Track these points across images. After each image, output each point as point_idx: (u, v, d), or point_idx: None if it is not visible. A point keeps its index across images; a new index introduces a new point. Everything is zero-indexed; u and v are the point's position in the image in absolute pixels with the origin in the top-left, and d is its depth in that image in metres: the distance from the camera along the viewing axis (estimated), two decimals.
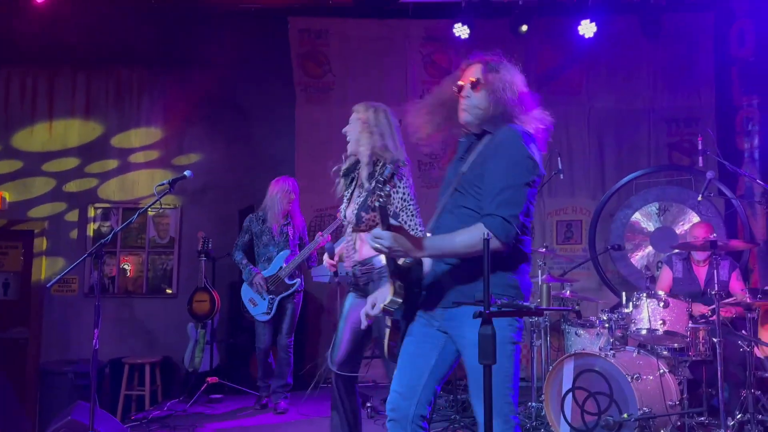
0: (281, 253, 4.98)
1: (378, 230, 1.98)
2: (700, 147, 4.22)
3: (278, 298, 4.91)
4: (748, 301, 3.91)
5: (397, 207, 2.92)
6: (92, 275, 6.47)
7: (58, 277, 3.27)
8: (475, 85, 2.23)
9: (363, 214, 2.93)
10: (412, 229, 2.89)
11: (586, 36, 6.31)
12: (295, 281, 4.92)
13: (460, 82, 2.27)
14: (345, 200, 3.09)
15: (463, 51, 6.89)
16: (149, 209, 6.53)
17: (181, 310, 6.09)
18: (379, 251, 2.02)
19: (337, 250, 3.22)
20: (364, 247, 2.96)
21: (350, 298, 3.10)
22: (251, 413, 4.96)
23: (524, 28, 6.42)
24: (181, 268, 6.72)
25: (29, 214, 6.72)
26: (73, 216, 6.75)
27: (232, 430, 4.44)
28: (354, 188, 3.07)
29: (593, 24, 6.26)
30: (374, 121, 3.01)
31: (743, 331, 3.98)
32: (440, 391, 2.11)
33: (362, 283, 3.01)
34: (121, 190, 6.79)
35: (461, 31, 6.45)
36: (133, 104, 6.88)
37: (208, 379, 5.42)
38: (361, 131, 3.00)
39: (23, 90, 6.86)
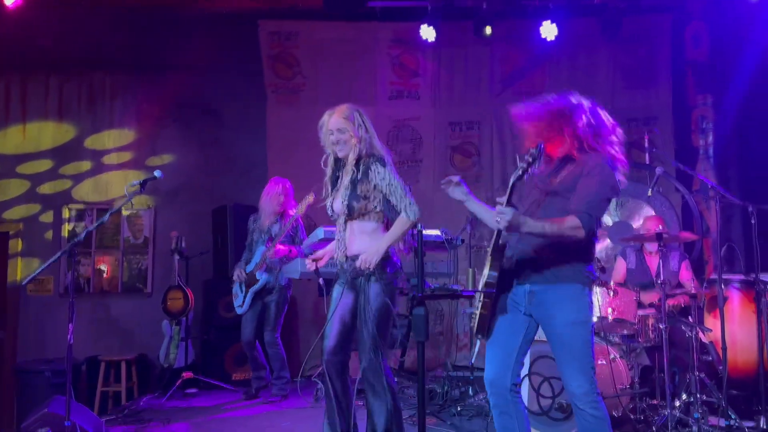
0: (260, 248, 5.14)
1: (502, 207, 2.38)
2: (646, 145, 4.45)
3: (251, 292, 5.06)
4: (693, 291, 4.15)
5: (386, 191, 3.07)
6: (67, 275, 6.56)
7: (33, 274, 3.40)
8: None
9: (354, 203, 3.06)
10: (406, 212, 3.06)
11: (548, 38, 6.54)
12: (262, 276, 5.05)
13: None
14: (330, 196, 3.21)
15: (430, 53, 7.13)
16: (122, 209, 6.71)
17: (156, 309, 6.22)
18: (499, 226, 2.39)
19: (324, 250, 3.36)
20: (355, 242, 3.10)
21: (337, 289, 3.19)
22: (226, 406, 5.11)
23: (488, 30, 6.63)
24: (155, 268, 6.85)
25: (4, 216, 6.80)
26: (47, 217, 6.84)
27: (209, 422, 4.57)
28: (339, 184, 3.19)
29: (555, 26, 6.49)
30: (363, 125, 3.14)
31: (690, 318, 4.22)
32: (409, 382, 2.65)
33: (351, 276, 3.10)
34: (95, 191, 6.90)
35: (428, 33, 6.64)
36: (106, 107, 6.99)
37: (183, 374, 5.54)
38: (351, 140, 3.11)
39: None
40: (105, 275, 6.82)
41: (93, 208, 6.84)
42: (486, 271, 2.56)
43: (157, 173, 3.64)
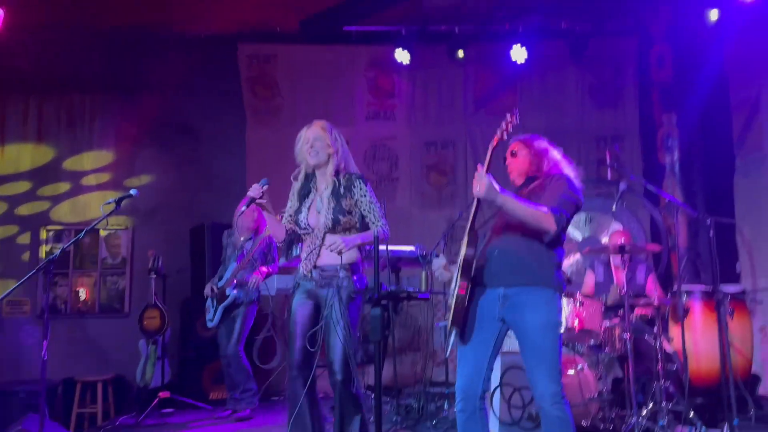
0: (232, 264, 5.21)
1: (482, 172, 2.57)
2: (608, 161, 4.62)
3: (221, 308, 5.13)
4: (656, 303, 4.28)
5: (365, 210, 3.17)
6: (44, 297, 6.55)
7: (7, 293, 3.44)
8: (514, 154, 3.05)
9: (340, 216, 3.12)
10: (381, 227, 3.17)
11: (518, 61, 6.76)
12: (232, 292, 5.12)
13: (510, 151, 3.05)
14: (304, 209, 3.22)
15: (405, 74, 7.32)
16: (100, 229, 6.75)
17: (133, 329, 6.22)
18: (475, 192, 2.59)
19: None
20: (328, 255, 3.12)
21: (297, 300, 3.21)
22: (201, 423, 5.13)
23: (461, 53, 6.85)
24: (133, 287, 6.88)
25: None
26: (24, 239, 6.85)
27: None
28: (312, 199, 3.24)
29: (524, 49, 6.71)
30: (339, 139, 3.25)
31: (654, 329, 4.35)
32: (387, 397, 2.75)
33: (318, 285, 3.13)
34: (73, 213, 6.93)
35: (402, 56, 6.83)
36: (85, 128, 7.06)
37: (160, 393, 5.54)
38: (328, 149, 3.20)
39: None
40: (84, 297, 6.83)
41: (71, 229, 6.86)
42: (463, 250, 2.67)
43: (133, 191, 3.69)
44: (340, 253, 3.00)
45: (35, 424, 3.53)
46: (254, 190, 3.18)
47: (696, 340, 4.59)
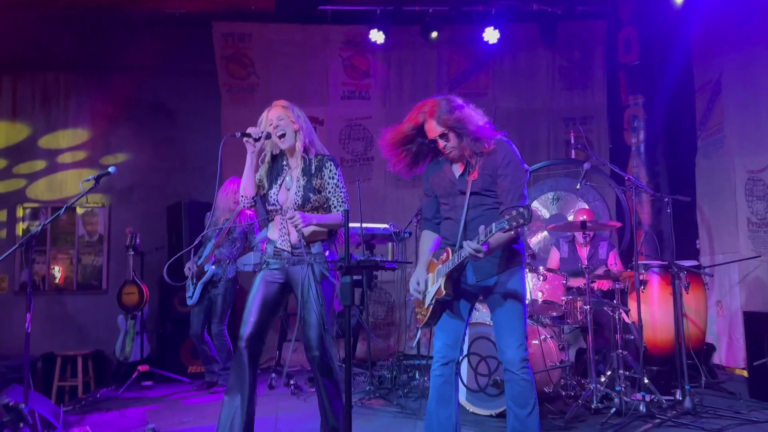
0: (210, 242, 5.31)
1: (477, 246, 2.54)
2: (572, 142, 4.81)
3: (200, 285, 5.24)
4: (615, 272, 4.52)
5: (330, 192, 3.19)
6: (23, 273, 6.62)
7: None
8: (444, 136, 2.80)
9: (311, 195, 3.14)
10: (344, 210, 3.15)
11: (491, 42, 6.90)
12: (210, 268, 5.24)
13: (430, 138, 2.83)
14: (275, 187, 3.21)
15: (380, 55, 7.42)
16: (77, 207, 6.80)
17: (111, 305, 6.34)
18: (478, 257, 2.57)
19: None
20: (297, 233, 3.12)
21: (263, 275, 3.20)
22: (180, 395, 5.28)
23: (434, 34, 6.97)
24: (110, 265, 6.96)
25: None
26: (1, 216, 6.88)
27: (160, 410, 4.74)
28: (282, 178, 3.23)
29: (497, 31, 6.86)
30: (303, 119, 3.25)
31: (614, 301, 4.59)
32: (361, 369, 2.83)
33: (290, 263, 3.15)
34: (50, 190, 6.97)
35: (377, 36, 6.93)
36: (60, 106, 7.07)
37: (140, 367, 5.67)
38: (293, 125, 3.19)
39: None
40: (59, 280, 6.89)
41: (47, 206, 6.91)
42: (441, 287, 2.76)
43: (111, 169, 3.76)
44: (297, 228, 3.04)
45: (19, 395, 3.64)
46: (254, 130, 3.17)
47: (653, 311, 4.85)
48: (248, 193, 3.25)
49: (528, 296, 4.30)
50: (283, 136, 3.19)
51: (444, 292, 2.76)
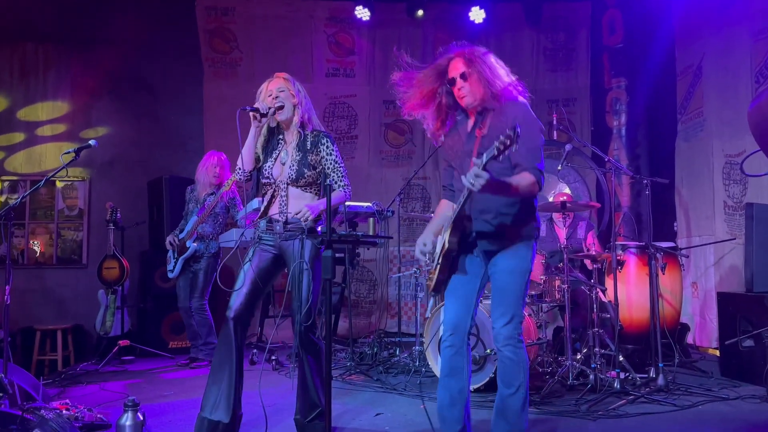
0: (193, 217, 5.32)
1: (479, 170, 2.31)
2: (554, 123, 4.85)
3: (181, 259, 5.25)
4: (593, 253, 4.59)
5: (329, 168, 3.19)
6: (5, 245, 6.55)
7: None
8: (464, 76, 2.70)
9: (305, 170, 3.13)
10: (342, 188, 3.21)
11: (477, 21, 6.91)
12: (192, 245, 5.24)
13: (450, 76, 2.74)
14: (270, 160, 3.20)
15: (365, 32, 7.38)
16: (57, 181, 6.73)
17: (91, 280, 6.32)
18: (475, 186, 2.34)
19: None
20: (292, 206, 3.12)
21: (256, 249, 3.20)
22: (161, 370, 5.30)
23: (420, 13, 6.95)
24: (90, 239, 6.92)
25: None
26: None
27: (141, 384, 4.76)
28: (278, 152, 3.22)
29: (483, 11, 6.86)
30: (303, 94, 3.23)
31: (591, 280, 4.67)
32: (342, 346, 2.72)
33: (282, 238, 3.14)
34: (29, 163, 6.88)
35: (362, 13, 6.90)
36: (39, 78, 6.95)
37: (120, 342, 5.66)
38: (292, 99, 3.17)
39: None
40: (38, 251, 6.84)
41: (26, 179, 6.82)
42: (447, 236, 2.69)
43: (92, 142, 3.72)
44: (306, 221, 3.04)
45: None
46: (263, 105, 3.14)
47: (629, 291, 4.93)
48: (247, 167, 3.24)
49: None
50: (281, 108, 3.18)
51: (447, 246, 2.66)
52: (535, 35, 7.37)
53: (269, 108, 3.15)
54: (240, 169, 3.24)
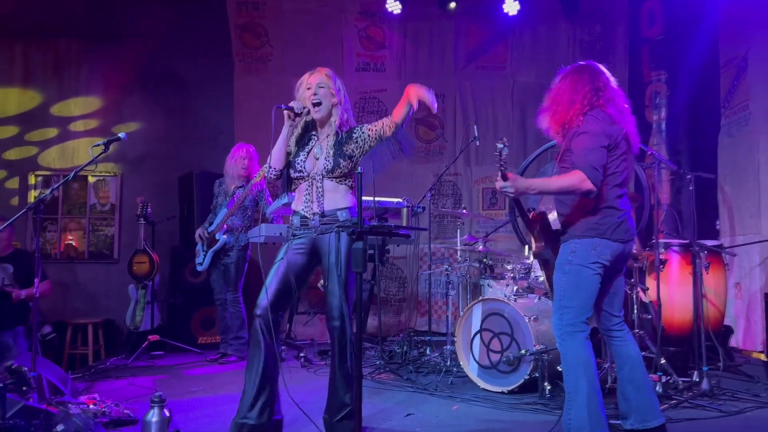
0: (222, 210, 5.29)
1: (501, 182, 2.69)
2: None
3: (210, 252, 5.22)
4: (634, 251, 4.39)
5: (371, 132, 3.09)
6: (35, 239, 6.60)
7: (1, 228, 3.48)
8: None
9: (341, 160, 3.05)
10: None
11: (511, 14, 6.73)
12: (221, 237, 5.20)
13: None
14: (302, 154, 3.13)
15: (396, 25, 7.27)
16: (89, 176, 6.77)
17: (122, 275, 6.34)
18: (508, 194, 2.73)
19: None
20: (327, 200, 3.06)
21: (290, 244, 3.12)
22: (190, 365, 5.27)
23: (453, 5, 6.81)
24: (122, 234, 6.95)
25: None
26: (13, 183, 6.87)
27: (168, 379, 4.73)
28: (311, 147, 3.15)
29: (517, 2, 6.69)
30: (344, 93, 3.16)
31: (632, 280, 4.48)
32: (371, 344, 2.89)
33: (318, 232, 3.06)
34: (62, 158, 6.94)
35: (393, 6, 6.79)
36: (72, 74, 7.00)
37: (150, 337, 5.67)
38: (332, 98, 3.10)
39: None
40: (73, 244, 6.89)
41: (59, 174, 6.88)
42: (533, 245, 3.00)
43: (121, 135, 3.69)
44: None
45: (27, 360, 3.62)
46: (298, 104, 3.08)
47: (671, 291, 4.73)
48: (277, 165, 3.17)
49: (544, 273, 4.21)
50: (318, 105, 3.09)
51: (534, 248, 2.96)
52: (572, 28, 7.17)
53: (304, 108, 3.08)
54: (270, 167, 3.17)
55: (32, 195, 6.84)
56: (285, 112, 3.06)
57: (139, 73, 7.08)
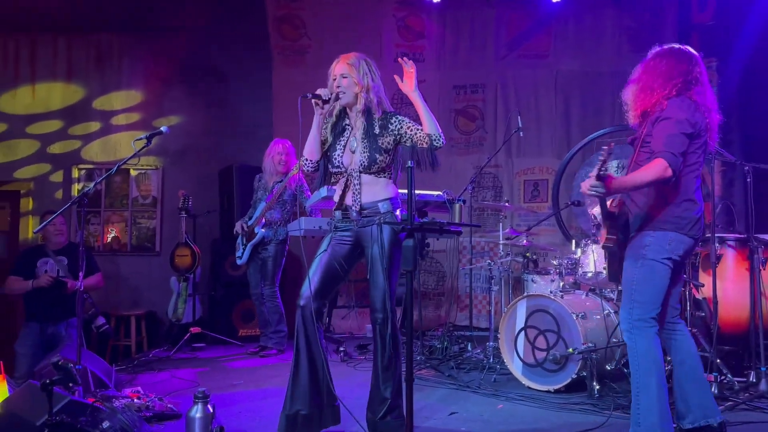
0: (261, 204, 5.28)
1: (593, 181, 2.56)
2: None
3: (249, 245, 5.22)
4: None
5: (411, 131, 3.03)
6: (79, 232, 6.71)
7: (45, 222, 3.51)
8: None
9: (377, 155, 3.00)
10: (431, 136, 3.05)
11: (554, 1, 6.54)
12: (260, 231, 5.19)
13: None
14: (339, 148, 3.09)
15: (436, 15, 7.13)
16: (131, 169, 6.85)
17: (164, 267, 6.40)
18: (596, 196, 2.64)
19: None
20: (366, 194, 3.02)
21: (333, 236, 3.09)
22: (232, 358, 5.29)
23: None
24: (163, 227, 7.01)
25: (15, 175, 6.94)
26: (57, 177, 6.99)
27: (210, 372, 4.74)
28: (346, 138, 3.10)
29: None
30: (368, 74, 3.09)
31: (684, 275, 4.31)
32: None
33: (359, 225, 3.02)
34: (104, 152, 7.03)
35: None
36: (114, 68, 7.08)
37: (191, 329, 5.70)
38: (354, 87, 3.05)
39: (5, 55, 7.04)
40: (116, 236, 6.99)
41: (102, 168, 6.96)
42: (604, 234, 2.86)
43: (163, 128, 3.69)
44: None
45: (72, 352, 3.65)
46: (324, 91, 3.04)
47: (726, 288, 4.53)
48: (312, 157, 3.14)
49: (593, 268, 4.08)
50: (343, 94, 3.06)
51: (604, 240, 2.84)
52: (617, 14, 6.93)
53: (331, 94, 3.03)
54: (306, 159, 3.14)
55: (76, 188, 6.95)
56: (313, 101, 3.02)
57: (179, 67, 7.12)
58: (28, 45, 7.02)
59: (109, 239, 7.00)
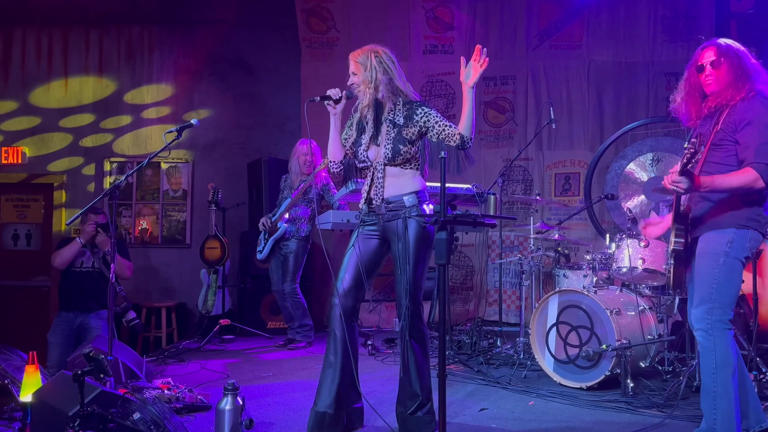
0: (287, 200, 5.28)
1: (676, 176, 2.49)
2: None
3: (271, 240, 5.24)
4: None
5: (438, 127, 2.98)
6: (110, 226, 6.79)
7: (77, 214, 3.54)
8: (714, 63, 2.73)
9: (401, 146, 2.97)
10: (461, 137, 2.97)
11: None
12: (282, 225, 5.20)
13: (699, 63, 2.79)
14: (363, 142, 3.06)
15: (465, 5, 7.04)
16: (162, 162, 6.90)
17: (194, 260, 6.45)
18: (677, 192, 2.59)
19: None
20: (391, 187, 3.00)
21: (361, 231, 3.08)
22: (261, 350, 5.31)
23: None
24: (194, 220, 7.07)
25: (48, 168, 7.05)
26: (89, 170, 7.07)
27: (239, 364, 4.76)
28: (370, 132, 3.06)
29: None
30: (379, 71, 3.00)
31: None
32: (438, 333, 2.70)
33: (385, 219, 3.00)
34: (135, 145, 7.09)
35: None
36: (144, 61, 7.13)
37: (221, 321, 5.72)
38: (362, 81, 3.01)
39: (39, 49, 7.13)
40: (147, 231, 7.06)
41: (133, 161, 7.03)
42: (672, 238, 2.78)
43: (194, 121, 3.68)
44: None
45: (104, 343, 3.69)
46: (333, 91, 3.03)
47: (764, 284, 4.40)
48: (336, 158, 3.17)
49: (627, 263, 3.98)
50: (357, 90, 3.07)
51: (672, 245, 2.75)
52: (653, 2, 6.76)
53: (341, 93, 3.03)
54: (331, 162, 3.17)
55: (107, 181, 7.03)
56: (326, 102, 3.04)
57: (208, 60, 7.15)
58: (61, 39, 7.11)
59: (139, 232, 7.06)
